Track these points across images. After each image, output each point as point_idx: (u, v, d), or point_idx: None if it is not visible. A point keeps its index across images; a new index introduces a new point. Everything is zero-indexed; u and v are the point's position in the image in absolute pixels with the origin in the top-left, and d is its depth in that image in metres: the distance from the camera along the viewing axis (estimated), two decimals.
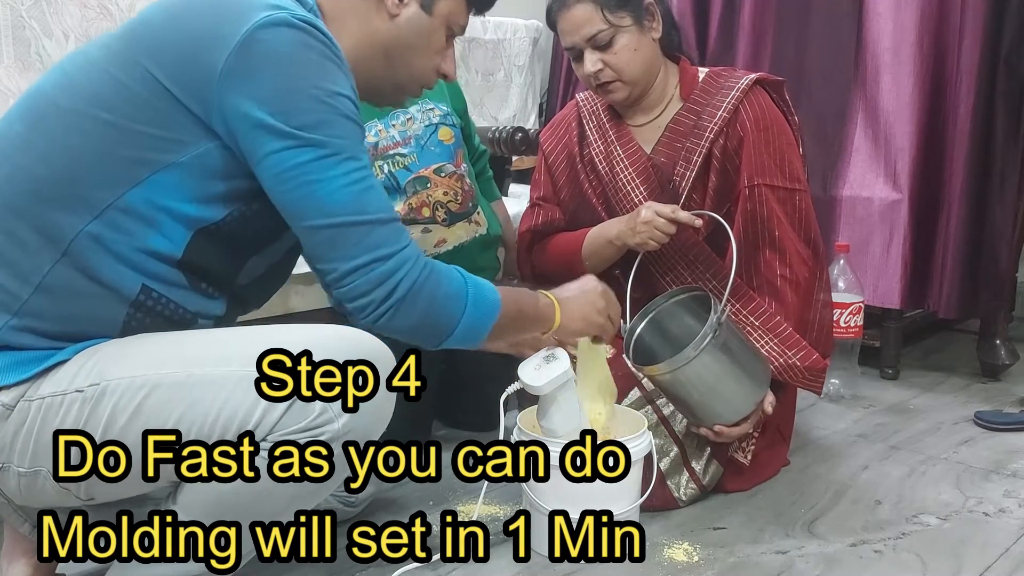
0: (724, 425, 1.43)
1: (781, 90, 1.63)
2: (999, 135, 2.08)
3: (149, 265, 1.01)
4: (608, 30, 1.52)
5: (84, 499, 1.04)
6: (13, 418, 0.99)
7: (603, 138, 1.67)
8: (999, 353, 2.20)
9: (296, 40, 0.99)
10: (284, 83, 0.98)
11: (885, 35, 2.19)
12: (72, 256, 0.99)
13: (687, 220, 1.46)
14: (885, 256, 2.20)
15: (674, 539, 1.37)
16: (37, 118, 1.01)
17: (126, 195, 0.99)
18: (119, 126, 0.98)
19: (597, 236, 1.60)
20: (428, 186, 1.75)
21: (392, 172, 1.72)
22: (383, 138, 1.74)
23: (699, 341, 1.33)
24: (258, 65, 0.98)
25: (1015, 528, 1.41)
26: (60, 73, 1.04)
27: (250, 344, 1.00)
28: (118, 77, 0.99)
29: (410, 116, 1.76)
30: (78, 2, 1.79)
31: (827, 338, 1.59)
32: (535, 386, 1.24)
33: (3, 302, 0.99)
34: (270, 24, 0.98)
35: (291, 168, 0.99)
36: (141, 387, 0.98)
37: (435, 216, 1.73)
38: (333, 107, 1.01)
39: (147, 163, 0.99)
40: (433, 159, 1.76)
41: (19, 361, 0.99)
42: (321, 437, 0.99)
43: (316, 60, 1.00)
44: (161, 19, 1.02)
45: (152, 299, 1.03)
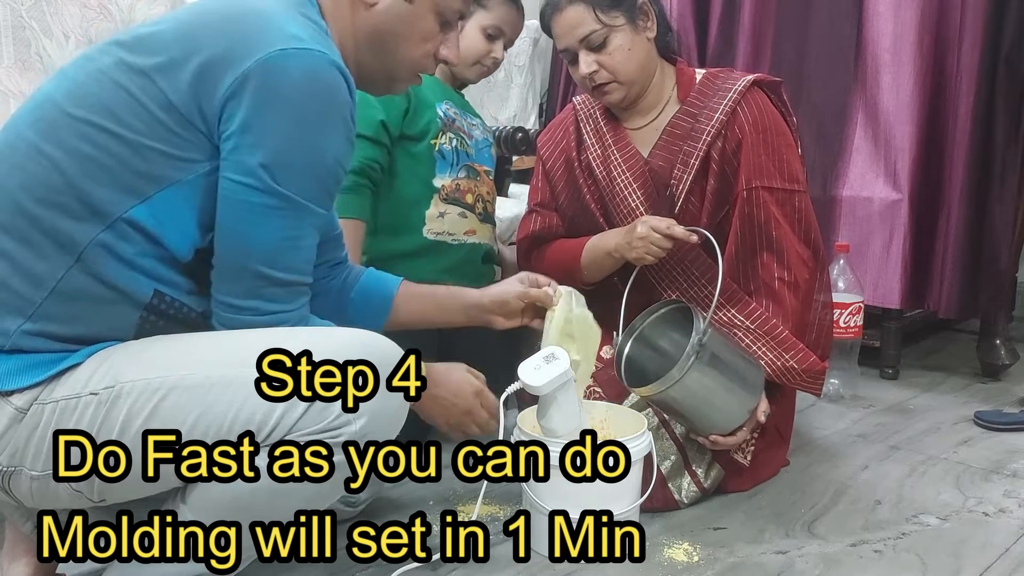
0: (720, 435, 1.43)
1: (779, 91, 1.62)
2: (999, 135, 2.08)
3: (160, 271, 1.03)
4: (602, 30, 1.52)
5: (96, 501, 1.04)
6: (26, 421, 0.99)
7: (600, 142, 1.66)
8: (999, 353, 2.20)
9: (305, 84, 1.00)
10: (276, 122, 0.99)
11: (885, 35, 2.19)
12: (85, 263, 0.99)
13: (682, 236, 1.45)
14: (885, 256, 2.20)
15: (674, 539, 1.37)
16: (48, 127, 1.01)
17: (133, 210, 1.00)
18: (130, 141, 0.99)
19: (596, 247, 1.60)
20: (478, 178, 1.76)
21: (457, 148, 1.73)
22: (458, 119, 1.75)
23: (683, 363, 1.32)
24: (260, 94, 0.98)
25: (1015, 528, 1.41)
26: (70, 82, 1.03)
27: (265, 345, 1.01)
28: (130, 90, 0.99)
29: (475, 123, 1.81)
30: (78, 2, 1.79)
31: (826, 340, 1.59)
32: (535, 386, 1.24)
33: (17, 306, 0.99)
34: (285, 59, 0.98)
35: (240, 201, 1.01)
36: (157, 389, 0.98)
37: (475, 207, 1.75)
38: (311, 162, 1.02)
39: (155, 179, 1.00)
40: (485, 162, 1.80)
41: (32, 364, 0.99)
42: (339, 439, 1.00)
43: (315, 107, 1.01)
44: (173, 34, 1.02)
45: (165, 302, 1.04)
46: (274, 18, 1.02)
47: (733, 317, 1.53)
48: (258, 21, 1.01)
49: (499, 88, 2.86)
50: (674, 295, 1.59)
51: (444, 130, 1.71)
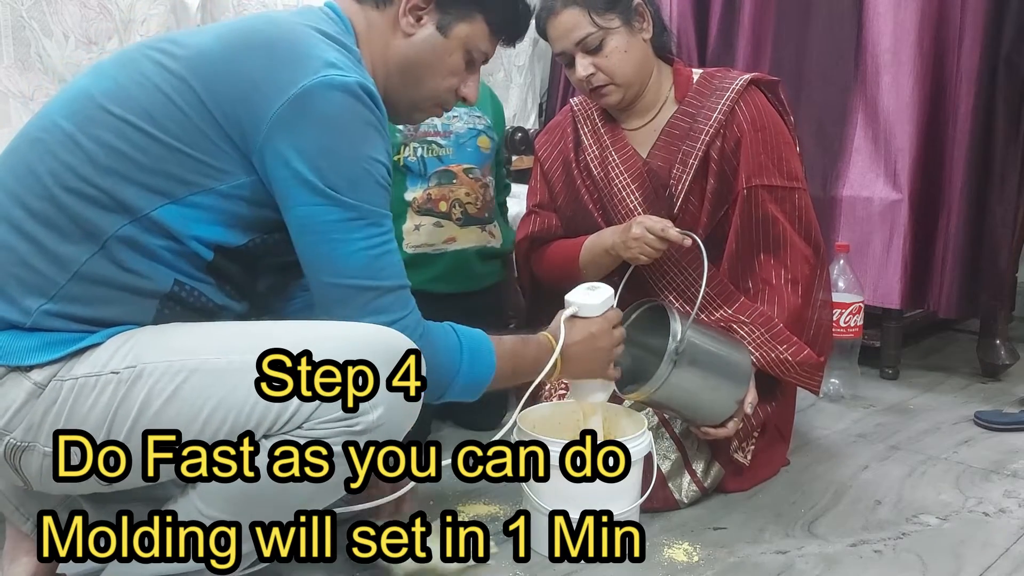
0: (711, 426, 1.43)
1: (776, 90, 1.62)
2: (999, 135, 2.08)
3: (181, 265, 1.05)
4: (597, 33, 1.52)
5: (103, 486, 1.04)
6: (44, 396, 0.99)
7: (598, 143, 1.66)
8: (999, 353, 2.20)
9: (347, 105, 1.04)
10: (327, 142, 1.03)
11: (885, 35, 2.19)
12: (109, 250, 1.01)
13: (676, 239, 1.45)
14: (885, 256, 2.20)
15: (674, 539, 1.37)
16: (85, 120, 1.03)
17: (162, 208, 1.02)
18: (168, 145, 1.02)
19: (594, 245, 1.60)
20: (453, 182, 1.76)
21: (423, 157, 1.75)
22: (425, 123, 1.75)
23: (663, 370, 1.33)
24: (308, 121, 1.02)
25: (1015, 528, 1.41)
26: (110, 81, 1.05)
27: (287, 334, 1.02)
28: (172, 98, 1.02)
29: (457, 115, 1.79)
30: (78, 2, 1.79)
31: (825, 338, 1.59)
32: (591, 305, 1.29)
33: (40, 286, 1.00)
34: (326, 86, 1.03)
35: (317, 224, 1.05)
36: (179, 371, 0.99)
37: (451, 213, 1.75)
38: (368, 172, 1.06)
39: (188, 184, 1.03)
40: (466, 159, 1.79)
41: (52, 342, 1.00)
42: (355, 428, 1.01)
43: (360, 127, 1.06)
44: (219, 52, 1.05)
45: (185, 291, 1.06)
46: (314, 47, 1.06)
47: (728, 316, 1.54)
48: (299, 48, 1.06)
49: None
50: (671, 293, 1.59)
51: (406, 142, 1.73)
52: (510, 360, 1.22)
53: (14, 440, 1.00)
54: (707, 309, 1.56)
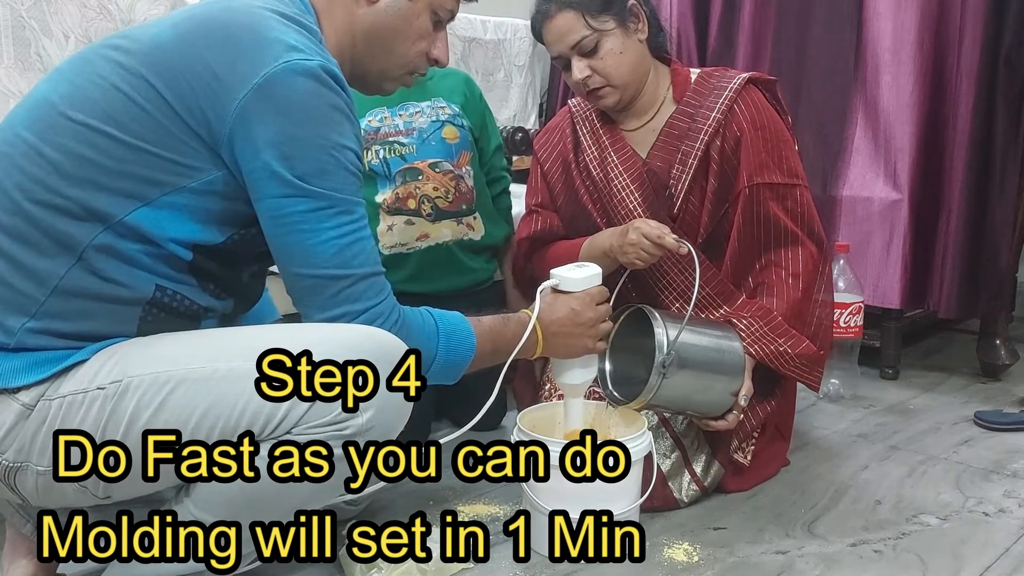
0: (710, 419, 1.44)
1: (774, 89, 1.62)
2: (999, 135, 2.08)
3: (160, 268, 1.03)
4: (592, 35, 1.52)
5: (102, 498, 1.04)
6: (33, 417, 0.99)
7: (597, 144, 1.66)
8: (999, 353, 2.20)
9: (311, 90, 1.02)
10: (294, 131, 1.01)
11: (885, 35, 2.19)
12: (86, 261, 1.00)
13: (672, 247, 1.45)
14: (885, 256, 2.19)
15: (674, 539, 1.37)
16: (47, 129, 1.01)
17: (135, 212, 1.00)
18: (132, 146, 1.00)
19: (592, 247, 1.59)
20: (419, 178, 1.76)
21: (386, 159, 1.74)
22: (386, 125, 1.76)
23: (652, 384, 1.34)
24: (273, 110, 1.00)
25: (1015, 528, 1.41)
26: (69, 85, 1.03)
27: (272, 341, 1.01)
28: (132, 96, 1.00)
29: (419, 110, 1.78)
30: (78, 2, 1.79)
31: (825, 335, 1.59)
32: (573, 279, 1.30)
33: (21, 305, 0.99)
34: (289, 71, 1.00)
35: (287, 215, 1.03)
36: (166, 383, 0.98)
37: (420, 209, 1.74)
38: (336, 159, 1.04)
39: (159, 184, 1.01)
40: (431, 153, 1.77)
41: (37, 361, 1.00)
42: (345, 431, 1.01)
43: (327, 112, 1.03)
44: (175, 44, 1.02)
45: (167, 296, 1.05)
46: (273, 30, 1.03)
47: (728, 313, 1.54)
48: (259, 34, 1.03)
49: (499, 88, 2.86)
50: (671, 293, 1.59)
51: (367, 146, 1.73)
52: (489, 339, 1.21)
53: (7, 461, 1.00)
54: (707, 309, 1.56)
